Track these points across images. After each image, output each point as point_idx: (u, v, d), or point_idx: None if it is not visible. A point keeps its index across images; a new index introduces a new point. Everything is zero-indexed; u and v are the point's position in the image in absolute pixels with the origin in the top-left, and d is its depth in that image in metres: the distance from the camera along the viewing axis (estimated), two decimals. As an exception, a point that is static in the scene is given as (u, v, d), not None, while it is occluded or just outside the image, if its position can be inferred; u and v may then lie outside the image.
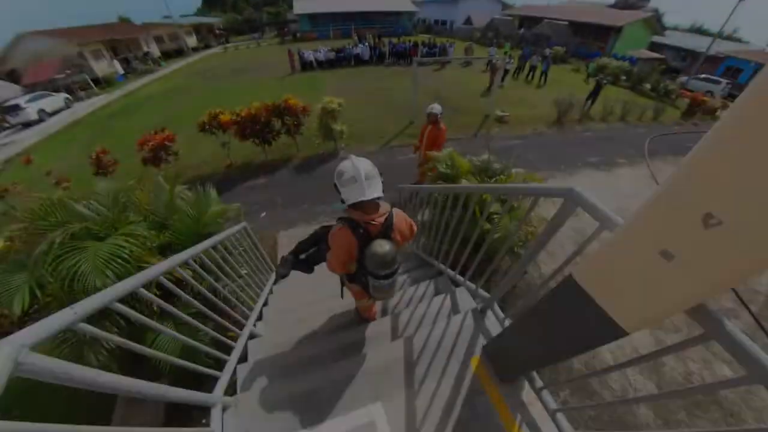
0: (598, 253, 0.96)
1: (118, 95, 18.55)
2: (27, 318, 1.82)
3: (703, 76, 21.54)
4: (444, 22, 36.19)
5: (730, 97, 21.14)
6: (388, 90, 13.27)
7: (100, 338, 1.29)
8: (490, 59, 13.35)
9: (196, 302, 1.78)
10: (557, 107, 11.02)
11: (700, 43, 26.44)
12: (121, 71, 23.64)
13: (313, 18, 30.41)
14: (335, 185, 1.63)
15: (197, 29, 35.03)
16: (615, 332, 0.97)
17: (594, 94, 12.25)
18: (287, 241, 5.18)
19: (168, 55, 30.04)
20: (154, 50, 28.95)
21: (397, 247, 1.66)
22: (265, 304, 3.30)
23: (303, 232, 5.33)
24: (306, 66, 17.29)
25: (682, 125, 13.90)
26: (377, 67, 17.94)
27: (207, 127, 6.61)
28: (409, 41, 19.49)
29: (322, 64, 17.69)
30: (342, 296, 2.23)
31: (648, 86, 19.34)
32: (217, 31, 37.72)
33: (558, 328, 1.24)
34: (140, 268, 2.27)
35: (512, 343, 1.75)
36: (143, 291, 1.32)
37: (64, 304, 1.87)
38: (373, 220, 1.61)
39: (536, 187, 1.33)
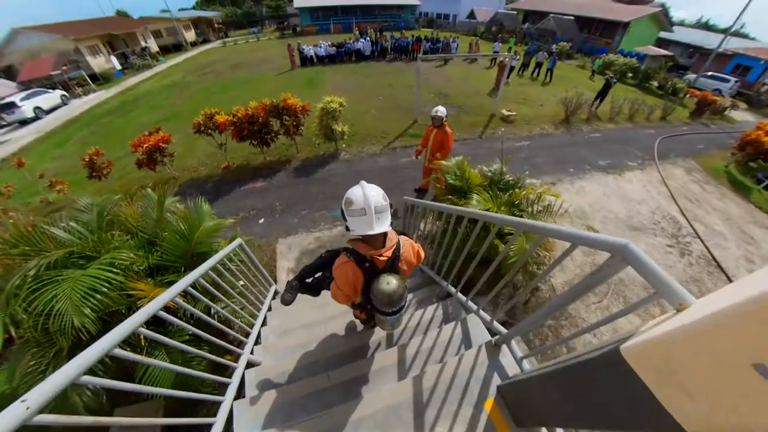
0: (661, 337, 0.78)
1: (116, 92, 18.32)
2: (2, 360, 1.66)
3: (710, 73, 21.14)
4: (447, 16, 35.63)
5: (739, 95, 20.79)
6: (390, 87, 13.00)
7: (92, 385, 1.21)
8: (495, 56, 12.99)
9: (190, 327, 1.64)
10: (565, 106, 10.75)
11: (707, 40, 25.95)
12: (119, 67, 23.35)
13: (314, 12, 29.95)
14: (342, 212, 1.53)
15: (196, 23, 34.61)
16: (673, 429, 0.80)
17: (603, 93, 11.99)
18: (287, 250, 5.02)
19: (166, 50, 29.71)
20: (152, 45, 28.61)
21: (404, 275, 1.67)
22: (264, 323, 3.13)
23: (303, 240, 5.16)
24: (306, 61, 16.98)
25: (690, 125, 13.67)
26: (379, 62, 17.62)
27: (202, 128, 6.40)
28: (412, 36, 19.11)
29: (322, 60, 17.38)
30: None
31: (655, 84, 19.02)
32: (216, 26, 37.26)
33: (596, 401, 1.07)
34: (127, 296, 2.11)
35: (535, 392, 1.58)
36: (143, 329, 1.25)
37: (42, 342, 1.74)
38: (381, 255, 1.54)
39: (580, 236, 1.14)
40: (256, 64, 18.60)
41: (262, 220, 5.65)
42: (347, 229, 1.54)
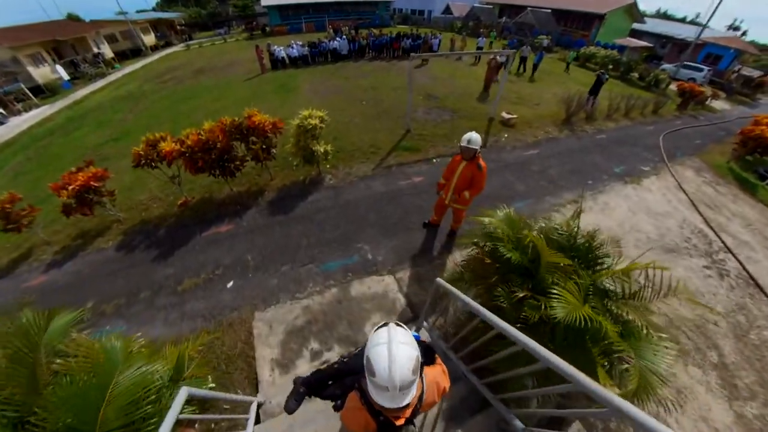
0: None
1: (62, 106, 15.85)
2: None
3: (679, 63, 21.00)
4: (421, 12, 34.30)
5: (711, 84, 20.74)
6: (373, 89, 11.55)
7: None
8: (496, 53, 11.69)
9: None
10: (565, 106, 9.74)
11: (677, 30, 26.00)
12: (67, 77, 20.58)
13: (283, 10, 27.82)
14: (364, 368, 1.21)
15: (155, 26, 31.60)
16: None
17: (595, 91, 11.01)
18: (267, 330, 3.59)
19: (124, 56, 26.80)
20: (107, 51, 25.68)
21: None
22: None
23: (287, 312, 3.74)
24: (278, 64, 15.18)
25: (681, 117, 13.30)
26: (357, 62, 16.06)
27: (144, 161, 4.81)
28: (390, 33, 17.65)
29: (295, 62, 15.61)
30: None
31: (636, 75, 18.52)
32: (179, 28, 34.26)
33: None
34: None
35: None
36: None
37: None
38: (399, 416, 1.27)
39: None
40: (222, 69, 16.60)
41: (230, 283, 4.16)
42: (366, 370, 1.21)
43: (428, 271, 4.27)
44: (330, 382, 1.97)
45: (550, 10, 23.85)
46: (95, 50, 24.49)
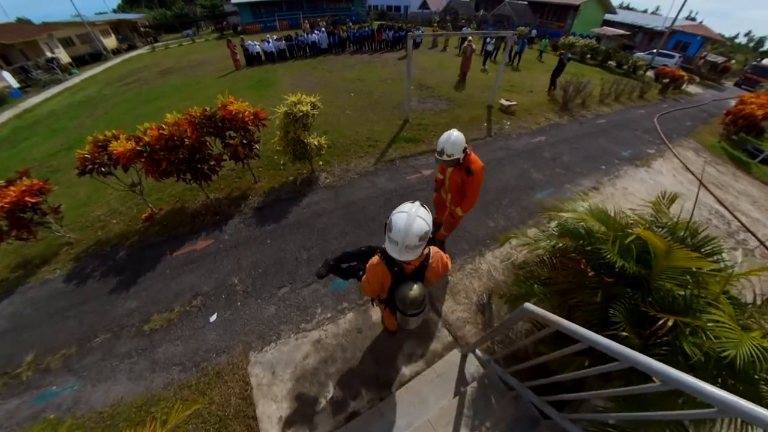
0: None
1: (10, 116, 13.94)
2: None
3: (655, 51, 21.32)
4: (398, 8, 33.46)
5: (683, 69, 21.22)
6: (360, 81, 10.62)
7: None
8: (495, 35, 10.92)
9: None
10: (564, 92, 9.23)
11: (647, 21, 26.52)
12: (16, 84, 18.37)
13: (255, 7, 26.30)
14: (384, 225, 1.61)
15: (117, 28, 29.20)
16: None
17: (557, 72, 10.53)
18: (269, 377, 2.69)
19: (82, 61, 24.45)
20: (62, 56, 23.32)
21: (428, 285, 1.80)
22: None
23: (292, 351, 2.86)
24: (253, 60, 13.94)
25: (665, 101, 13.46)
26: (339, 56, 15.03)
27: (91, 166, 3.73)
28: (369, 25, 16.76)
29: (272, 57, 14.40)
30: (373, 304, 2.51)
31: (614, 63, 18.55)
32: (143, 30, 31.86)
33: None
34: None
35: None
36: None
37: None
38: (409, 263, 1.65)
39: None
40: (191, 68, 15.15)
41: (214, 317, 3.20)
42: (386, 241, 1.59)
43: (460, 280, 3.47)
44: (353, 263, 2.33)
45: (527, 2, 23.66)
46: (48, 55, 22.17)
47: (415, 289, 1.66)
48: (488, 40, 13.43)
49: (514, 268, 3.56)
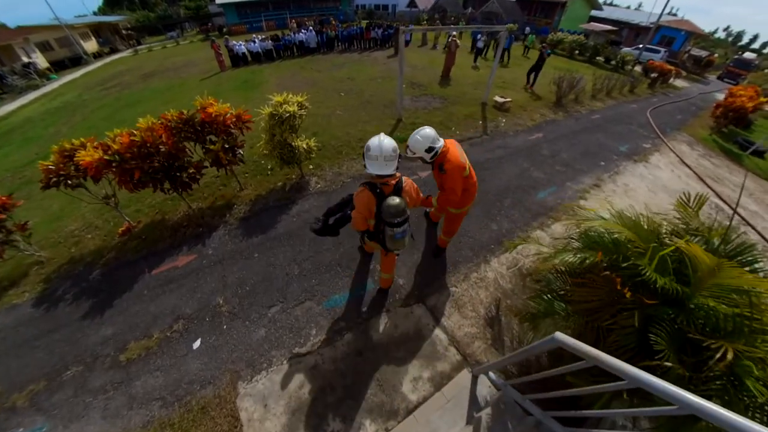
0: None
1: (-19, 123, 13.22)
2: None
3: (641, 46, 21.49)
4: (386, 7, 33.12)
5: (669, 63, 21.45)
6: (350, 80, 10.28)
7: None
8: (491, 29, 10.66)
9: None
10: (557, 87, 9.06)
11: (633, 16, 26.74)
12: (-11, 90, 17.52)
13: (241, 8, 25.65)
14: (363, 154, 2.09)
15: (97, 31, 28.20)
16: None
17: (537, 67, 10.24)
18: (260, 410, 2.39)
19: (62, 65, 23.51)
20: (40, 60, 22.38)
21: (406, 204, 2.10)
22: None
23: (287, 378, 2.54)
24: (239, 61, 13.46)
25: (654, 95, 13.57)
26: (327, 55, 14.63)
27: (57, 179, 3.36)
28: (358, 24, 16.41)
29: (258, 57, 13.93)
30: (360, 244, 3.21)
31: (602, 59, 18.56)
32: (125, 32, 30.84)
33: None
34: None
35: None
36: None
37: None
38: (387, 183, 2.10)
39: None
40: (174, 70, 14.58)
41: (197, 343, 2.87)
42: (365, 167, 2.09)
43: (465, 291, 3.20)
44: (339, 214, 2.68)
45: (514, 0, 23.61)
46: (25, 59, 21.24)
47: (396, 199, 2.02)
48: (478, 37, 13.23)
49: (522, 277, 3.32)
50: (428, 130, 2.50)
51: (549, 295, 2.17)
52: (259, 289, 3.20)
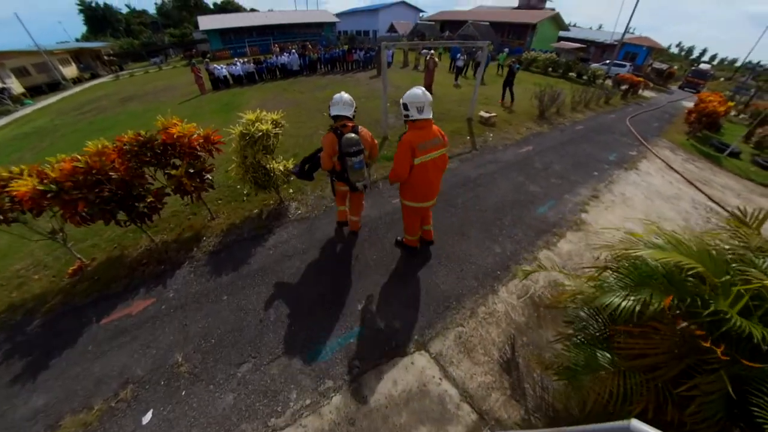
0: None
1: (-57, 151, 12.16)
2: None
3: (608, 61, 22.48)
4: (366, 33, 33.84)
5: (636, 76, 22.55)
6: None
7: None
8: (473, 46, 10.39)
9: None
10: (538, 102, 9.00)
11: (597, 35, 28.18)
12: (-43, 117, 16.38)
13: (225, 34, 25.55)
14: (329, 106, 2.84)
15: (78, 56, 27.45)
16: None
17: (509, 83, 10.07)
18: None
19: (39, 91, 22.52)
20: (15, 86, 21.37)
21: (366, 151, 2.77)
22: None
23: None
24: (220, 84, 13.02)
25: (628, 105, 13.95)
26: (310, 77, 14.43)
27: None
28: (339, 47, 16.42)
29: (240, 80, 13.55)
30: (333, 192, 3.43)
31: (574, 75, 19.19)
32: (107, 58, 30.18)
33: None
34: None
35: None
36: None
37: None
38: (345, 125, 2.70)
39: None
40: (154, 94, 14.01)
41: (148, 416, 2.22)
42: (330, 116, 2.83)
43: (474, 330, 2.69)
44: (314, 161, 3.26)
45: (488, 23, 24.43)
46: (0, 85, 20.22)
47: (352, 134, 2.60)
48: (458, 56, 13.32)
49: (536, 306, 2.84)
50: (416, 90, 2.51)
51: (586, 341, 1.69)
52: (226, 342, 2.59)
